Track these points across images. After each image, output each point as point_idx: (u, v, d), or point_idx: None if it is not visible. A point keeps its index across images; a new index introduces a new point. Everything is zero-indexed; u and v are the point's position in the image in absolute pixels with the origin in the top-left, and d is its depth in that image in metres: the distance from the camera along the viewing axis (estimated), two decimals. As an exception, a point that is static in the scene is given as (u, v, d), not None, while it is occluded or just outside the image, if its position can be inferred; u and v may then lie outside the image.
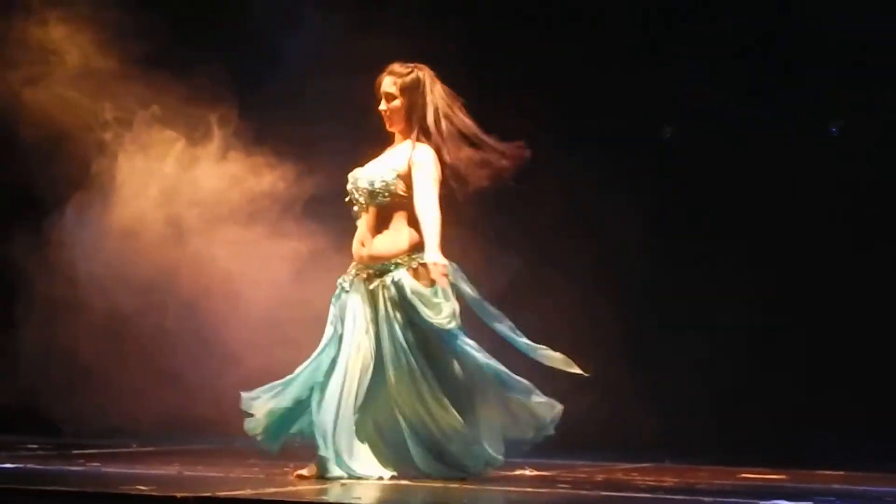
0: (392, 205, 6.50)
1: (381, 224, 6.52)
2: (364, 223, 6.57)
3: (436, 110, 6.48)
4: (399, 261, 6.47)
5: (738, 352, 9.39)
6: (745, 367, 9.39)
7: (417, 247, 6.46)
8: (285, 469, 6.84)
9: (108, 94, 8.38)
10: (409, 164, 6.46)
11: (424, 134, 6.52)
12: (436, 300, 6.33)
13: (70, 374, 9.22)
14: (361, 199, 6.54)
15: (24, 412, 9.36)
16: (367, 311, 6.45)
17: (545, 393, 6.64)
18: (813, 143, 9.39)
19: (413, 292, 6.37)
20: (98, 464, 7.58)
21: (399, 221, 6.49)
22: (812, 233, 9.33)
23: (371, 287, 6.48)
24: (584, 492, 6.46)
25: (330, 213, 7.34)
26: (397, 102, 6.53)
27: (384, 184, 6.49)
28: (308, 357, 6.58)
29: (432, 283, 6.37)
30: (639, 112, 9.41)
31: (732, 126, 9.38)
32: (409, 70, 6.53)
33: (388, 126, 6.64)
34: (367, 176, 6.54)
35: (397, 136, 6.67)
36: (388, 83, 6.54)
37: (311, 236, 8.28)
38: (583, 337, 8.18)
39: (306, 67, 9.05)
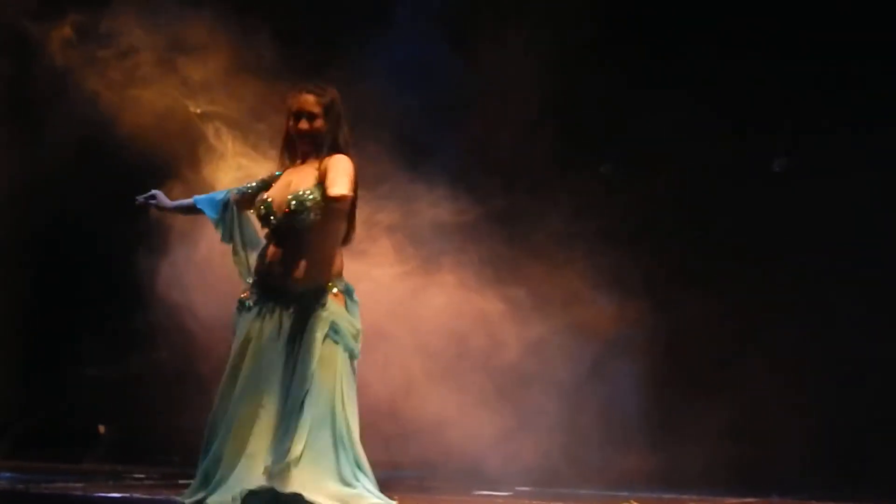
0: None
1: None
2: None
3: (347, 132, 6.15)
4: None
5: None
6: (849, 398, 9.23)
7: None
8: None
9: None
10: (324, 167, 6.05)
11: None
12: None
13: (178, 401, 9.26)
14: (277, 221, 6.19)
15: (130, 441, 9.42)
16: None
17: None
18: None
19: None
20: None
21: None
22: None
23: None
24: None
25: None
26: (319, 122, 6.14)
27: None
28: None
29: None
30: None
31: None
32: (326, 90, 6.16)
33: (300, 146, 6.18)
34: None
35: (302, 158, 6.24)
36: (311, 102, 6.15)
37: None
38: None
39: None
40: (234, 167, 7.56)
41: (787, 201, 9.24)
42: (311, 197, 5.95)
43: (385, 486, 7.31)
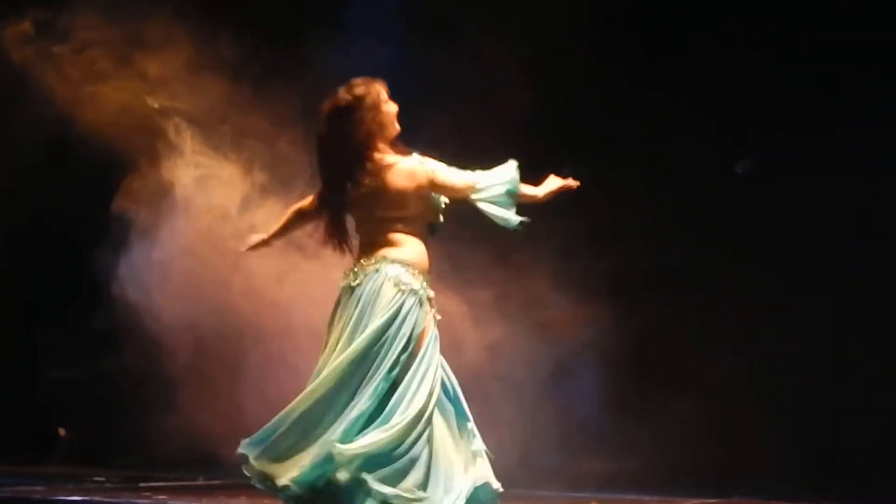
0: None
1: None
2: None
3: None
4: None
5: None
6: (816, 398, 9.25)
7: None
8: None
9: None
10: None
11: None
12: None
13: (140, 404, 9.21)
14: None
15: (90, 443, 9.37)
16: None
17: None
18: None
19: None
20: (164, 497, 7.58)
21: None
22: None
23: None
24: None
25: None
26: None
27: None
28: None
29: None
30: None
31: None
32: None
33: (394, 132, 6.03)
34: None
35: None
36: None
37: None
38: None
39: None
40: (192, 164, 7.54)
41: (755, 202, 9.27)
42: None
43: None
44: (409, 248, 5.82)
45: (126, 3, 7.90)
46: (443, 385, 5.77)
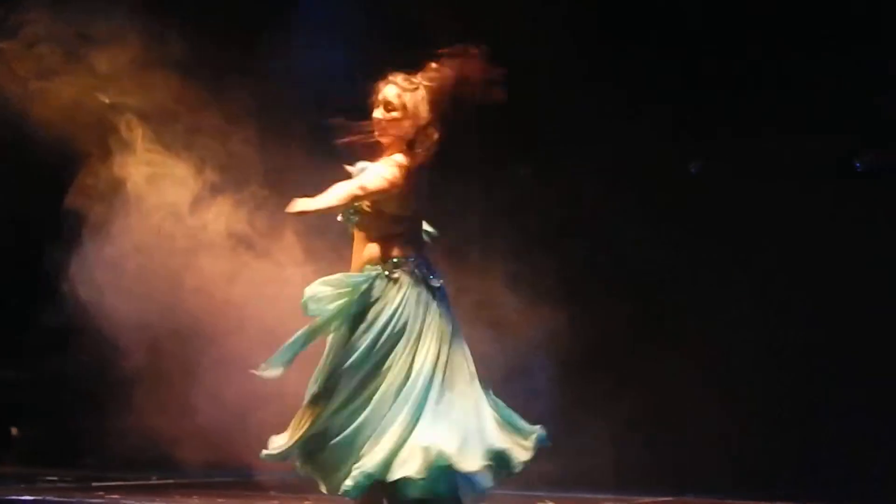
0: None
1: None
2: None
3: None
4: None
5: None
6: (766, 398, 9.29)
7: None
8: (305, 501, 6.75)
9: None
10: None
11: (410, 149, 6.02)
12: None
13: (93, 403, 9.15)
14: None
15: (43, 443, 9.32)
16: None
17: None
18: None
19: None
20: (118, 496, 7.58)
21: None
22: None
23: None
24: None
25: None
26: (396, 114, 5.99)
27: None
28: None
29: None
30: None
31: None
32: (415, 86, 5.99)
33: (377, 136, 6.05)
34: None
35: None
36: (391, 93, 6.00)
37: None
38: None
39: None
40: (144, 162, 7.49)
41: (708, 200, 9.32)
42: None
43: (296, 488, 7.25)
44: None
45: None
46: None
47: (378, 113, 5.98)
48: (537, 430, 5.78)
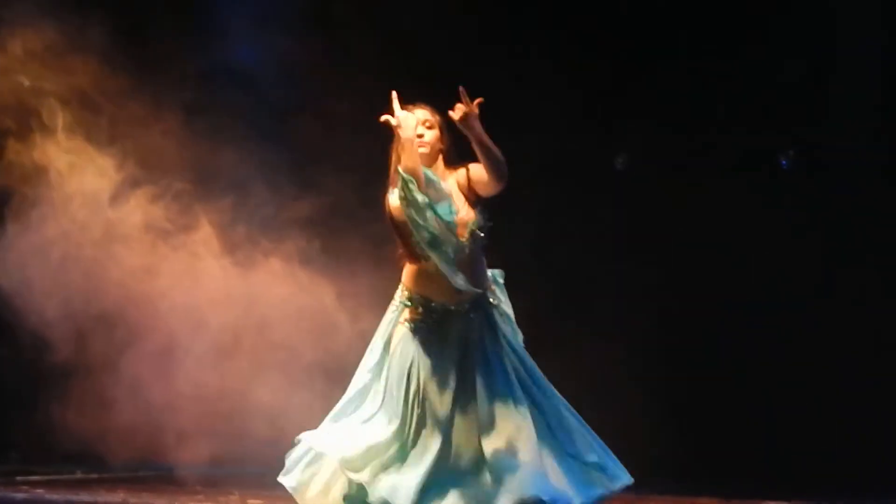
0: None
1: None
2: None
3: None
4: None
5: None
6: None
7: None
8: (230, 496, 6.72)
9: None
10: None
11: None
12: None
13: (19, 396, 9.06)
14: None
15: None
16: None
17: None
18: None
19: None
20: (42, 490, 7.54)
21: None
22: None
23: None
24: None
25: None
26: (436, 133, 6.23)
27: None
28: None
29: None
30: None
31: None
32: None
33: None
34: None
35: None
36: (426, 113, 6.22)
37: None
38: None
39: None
40: (64, 150, 7.44)
41: (635, 195, 9.35)
42: None
43: (221, 483, 7.21)
44: None
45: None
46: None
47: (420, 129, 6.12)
48: None
